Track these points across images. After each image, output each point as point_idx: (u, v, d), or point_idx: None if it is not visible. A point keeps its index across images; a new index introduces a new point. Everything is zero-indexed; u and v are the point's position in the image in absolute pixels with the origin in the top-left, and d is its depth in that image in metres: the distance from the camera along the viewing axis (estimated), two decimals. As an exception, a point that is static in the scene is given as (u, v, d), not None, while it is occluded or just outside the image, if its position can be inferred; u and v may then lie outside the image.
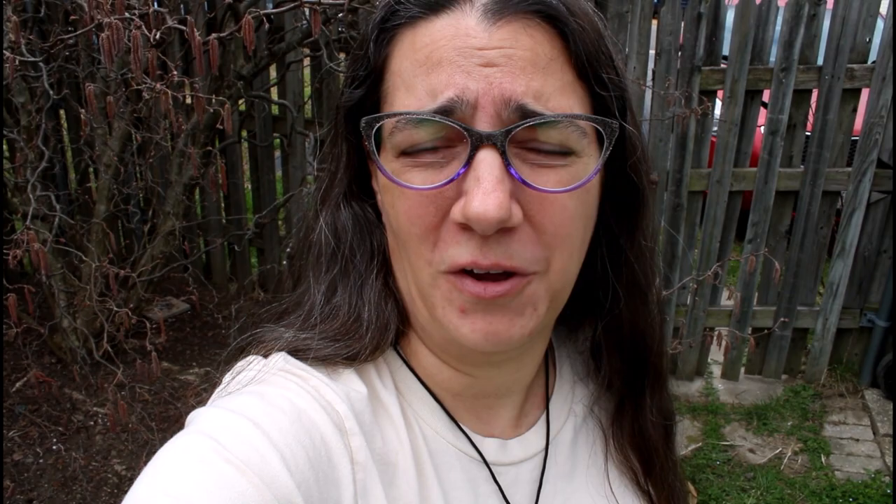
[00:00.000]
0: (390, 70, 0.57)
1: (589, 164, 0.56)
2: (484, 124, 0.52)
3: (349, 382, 0.60)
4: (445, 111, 0.52)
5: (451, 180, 0.53)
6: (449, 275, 0.55)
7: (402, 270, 0.61)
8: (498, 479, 0.65)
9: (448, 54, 0.53)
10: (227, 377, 0.61)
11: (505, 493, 0.65)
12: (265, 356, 0.62)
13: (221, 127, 1.60)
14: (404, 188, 0.55)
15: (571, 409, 0.73)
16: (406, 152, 0.55)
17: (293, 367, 0.59)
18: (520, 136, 0.53)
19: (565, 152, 0.55)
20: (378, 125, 0.55)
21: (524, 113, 0.52)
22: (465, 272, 0.55)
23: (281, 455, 0.51)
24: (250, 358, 0.62)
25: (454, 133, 0.53)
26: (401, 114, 0.54)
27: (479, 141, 0.52)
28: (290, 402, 0.56)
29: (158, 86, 1.36)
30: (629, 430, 0.73)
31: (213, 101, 1.66)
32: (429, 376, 0.65)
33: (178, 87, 1.67)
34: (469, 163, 0.52)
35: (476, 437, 0.65)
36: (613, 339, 0.71)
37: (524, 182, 0.53)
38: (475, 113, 0.52)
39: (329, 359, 0.60)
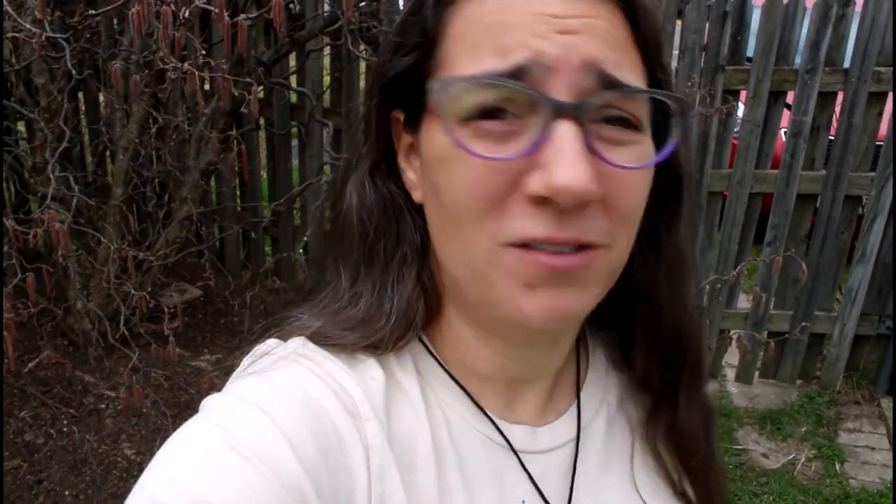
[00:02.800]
0: (450, 36, 0.54)
1: (649, 144, 0.55)
2: (561, 90, 0.50)
3: (367, 368, 0.59)
4: (518, 72, 0.49)
5: (529, 151, 0.50)
6: (514, 248, 0.52)
7: (448, 248, 0.57)
8: (527, 467, 0.63)
9: (521, 19, 0.50)
10: (245, 361, 0.60)
11: (536, 481, 0.63)
12: (284, 340, 0.60)
13: (246, 111, 1.58)
14: (473, 157, 0.51)
15: (604, 398, 0.70)
16: (469, 118, 0.51)
17: (310, 351, 0.58)
18: (597, 105, 0.50)
19: (636, 126, 0.53)
20: (443, 90, 0.52)
21: (603, 78, 0.50)
22: (532, 246, 0.52)
23: (289, 442, 0.50)
24: (269, 342, 0.60)
25: (528, 100, 0.50)
26: (476, 77, 0.50)
27: (559, 111, 0.49)
28: (301, 388, 0.54)
29: (186, 65, 1.34)
30: (665, 428, 0.70)
31: (239, 84, 1.64)
32: (458, 359, 0.63)
33: (201, 69, 1.65)
34: (547, 133, 0.50)
35: (503, 424, 0.63)
36: (651, 331, 0.68)
37: (603, 158, 0.51)
38: (551, 78, 0.50)
39: (349, 346, 0.59)
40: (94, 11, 1.81)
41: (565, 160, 0.48)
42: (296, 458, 0.49)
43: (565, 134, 0.49)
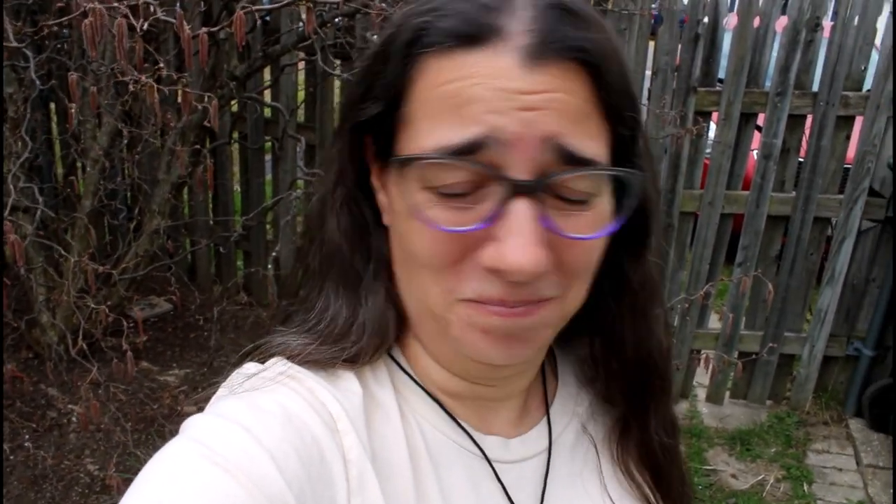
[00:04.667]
0: (414, 97, 0.55)
1: (605, 202, 0.57)
2: (519, 166, 0.51)
3: (345, 383, 0.60)
4: (474, 147, 0.51)
5: (483, 226, 0.52)
6: (469, 302, 0.55)
7: (408, 283, 0.61)
8: (500, 477, 0.64)
9: (482, 93, 0.51)
10: (225, 384, 0.61)
11: (508, 491, 0.64)
12: (262, 361, 0.62)
13: (208, 124, 1.56)
14: (431, 228, 0.53)
15: (575, 411, 0.72)
16: (429, 188, 0.53)
17: (290, 370, 0.60)
18: (551, 182, 0.52)
19: (588, 199, 0.55)
20: (405, 164, 0.54)
21: (562, 153, 0.51)
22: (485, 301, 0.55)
23: (271, 456, 0.51)
24: (248, 366, 0.62)
25: (486, 174, 0.52)
26: (434, 157, 0.52)
27: (514, 190, 0.51)
28: (281, 406, 0.56)
29: (143, 78, 1.32)
30: (636, 448, 0.72)
31: (202, 97, 1.62)
32: (427, 378, 0.65)
33: (167, 82, 1.63)
34: (502, 209, 0.52)
35: (477, 435, 0.65)
36: (611, 359, 0.70)
37: (556, 231, 0.53)
38: (509, 153, 0.51)
39: (328, 362, 0.60)
40: (50, 22, 1.79)
41: (518, 241, 0.51)
42: (279, 472, 0.51)
43: (520, 212, 0.51)
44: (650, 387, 0.71)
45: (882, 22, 3.12)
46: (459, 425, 0.64)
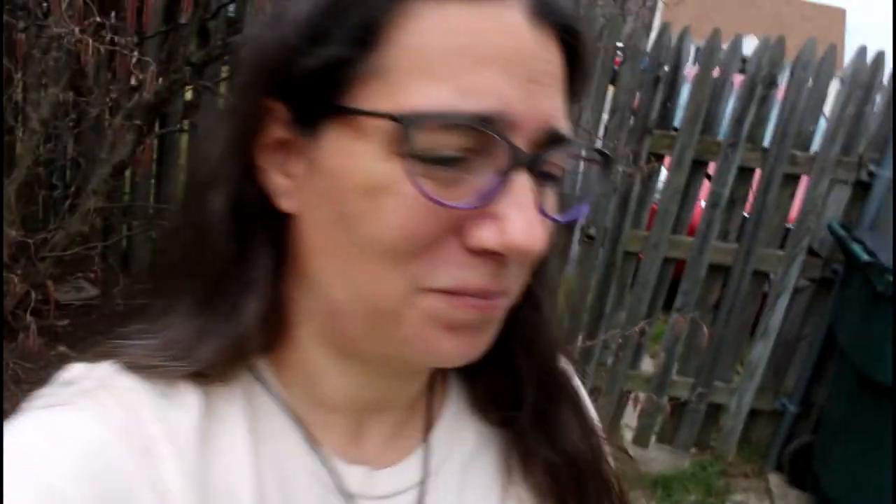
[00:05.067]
0: (399, 43, 0.47)
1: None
2: (517, 142, 0.47)
3: (181, 398, 0.52)
4: (486, 120, 0.46)
5: (484, 201, 0.47)
6: (437, 293, 0.48)
7: (334, 281, 0.51)
8: None
9: (498, 52, 0.46)
10: (42, 390, 0.52)
11: None
12: (93, 363, 0.53)
13: (147, 94, 1.50)
14: (423, 198, 0.46)
15: (460, 440, 0.64)
16: (416, 156, 0.46)
17: (116, 380, 0.51)
18: (547, 160, 0.50)
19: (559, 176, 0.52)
20: (416, 125, 0.45)
21: (552, 134, 0.48)
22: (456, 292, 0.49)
23: (56, 497, 0.44)
24: (75, 368, 0.53)
25: (485, 145, 0.47)
26: (455, 117, 0.45)
27: (520, 162, 0.47)
28: (86, 428, 0.48)
29: (77, 32, 1.25)
30: (538, 467, 0.64)
31: (143, 66, 1.56)
32: (304, 388, 0.56)
33: (111, 45, 1.56)
34: (504, 184, 0.47)
35: (340, 464, 0.56)
36: (518, 362, 0.63)
37: (547, 213, 0.50)
38: (512, 131, 0.47)
39: (168, 373, 0.52)
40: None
41: (526, 217, 0.46)
42: None
43: (525, 187, 0.47)
44: (552, 394, 0.64)
45: (832, 88, 3.21)
46: (322, 453, 0.56)
